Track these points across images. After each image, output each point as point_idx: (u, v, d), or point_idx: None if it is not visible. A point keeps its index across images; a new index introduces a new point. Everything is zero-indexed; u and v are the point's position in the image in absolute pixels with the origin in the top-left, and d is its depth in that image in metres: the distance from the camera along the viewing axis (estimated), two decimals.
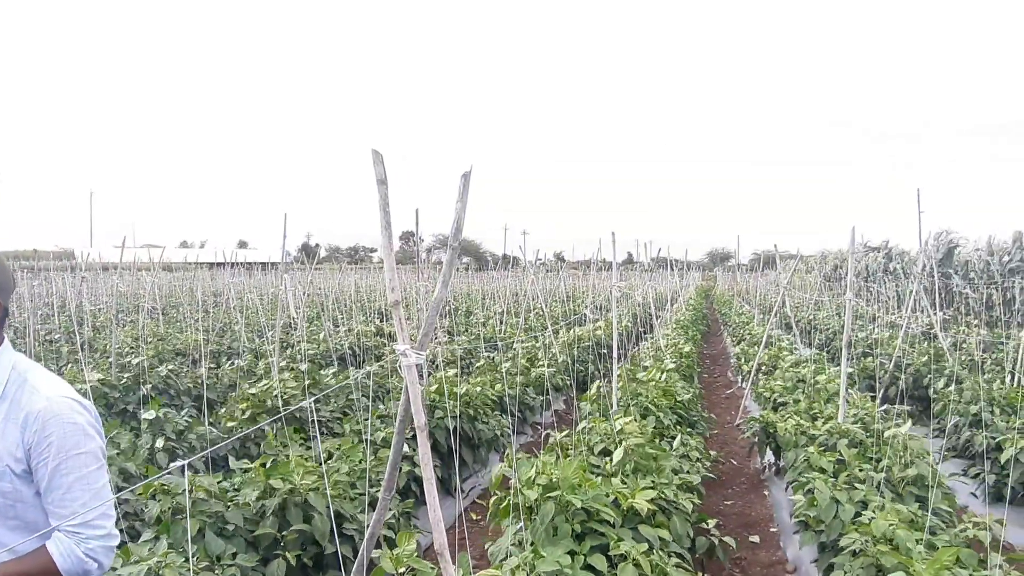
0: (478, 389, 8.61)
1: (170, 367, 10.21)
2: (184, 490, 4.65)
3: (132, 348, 12.27)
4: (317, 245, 76.99)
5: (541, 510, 4.16)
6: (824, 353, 14.56)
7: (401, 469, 6.20)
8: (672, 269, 28.73)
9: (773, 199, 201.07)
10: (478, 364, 10.40)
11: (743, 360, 14.95)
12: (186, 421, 7.42)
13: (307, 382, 8.64)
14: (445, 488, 7.10)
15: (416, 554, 3.44)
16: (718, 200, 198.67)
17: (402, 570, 3.26)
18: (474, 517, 7.33)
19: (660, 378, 8.88)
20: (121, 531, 3.22)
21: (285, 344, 12.51)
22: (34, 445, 2.23)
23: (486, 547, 4.60)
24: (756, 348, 13.88)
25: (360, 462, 5.85)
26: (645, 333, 18.39)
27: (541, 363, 11.32)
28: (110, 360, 9.98)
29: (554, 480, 4.38)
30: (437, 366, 10.03)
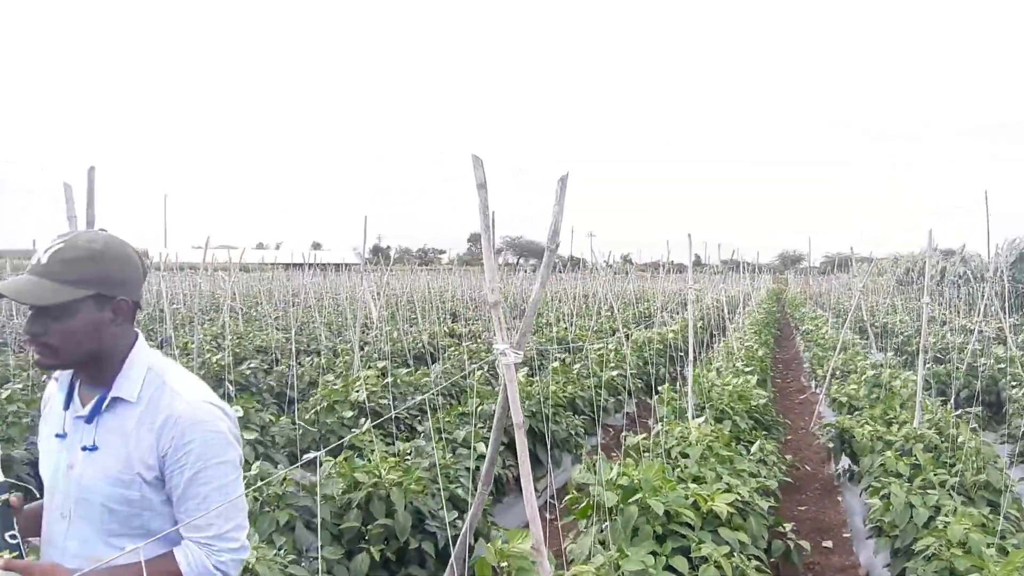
0: (552, 389, 8.72)
1: (251, 364, 10.50)
2: (280, 482, 4.85)
3: (215, 345, 12.62)
4: (388, 247, 77.82)
5: (624, 512, 4.25)
6: (898, 357, 14.35)
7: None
8: (743, 271, 28.45)
9: (843, 200, 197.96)
10: (552, 365, 10.49)
11: (816, 364, 14.81)
12: (271, 417, 7.68)
13: (388, 380, 8.85)
14: (520, 487, 7.20)
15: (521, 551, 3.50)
16: (789, 201, 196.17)
17: (504, 564, 3.33)
18: (547, 517, 7.44)
19: (736, 382, 8.89)
20: None
21: (363, 343, 12.79)
22: (170, 452, 2.10)
23: (564, 546, 4.72)
24: (830, 352, 13.74)
25: (441, 459, 5.99)
26: (716, 336, 18.31)
27: (612, 365, 11.38)
28: (191, 357, 10.25)
29: (635, 482, 4.47)
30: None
